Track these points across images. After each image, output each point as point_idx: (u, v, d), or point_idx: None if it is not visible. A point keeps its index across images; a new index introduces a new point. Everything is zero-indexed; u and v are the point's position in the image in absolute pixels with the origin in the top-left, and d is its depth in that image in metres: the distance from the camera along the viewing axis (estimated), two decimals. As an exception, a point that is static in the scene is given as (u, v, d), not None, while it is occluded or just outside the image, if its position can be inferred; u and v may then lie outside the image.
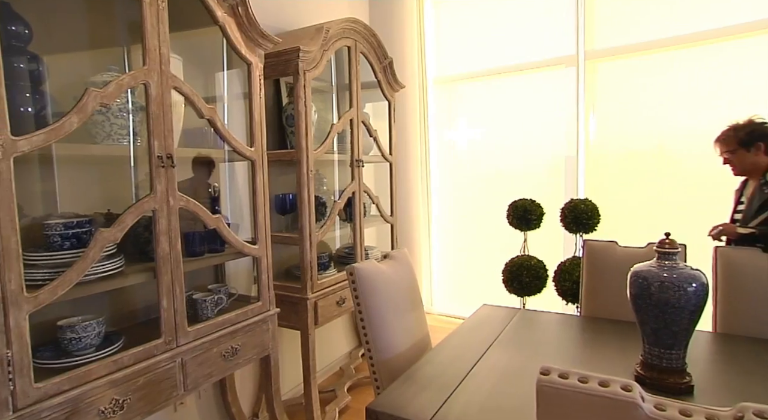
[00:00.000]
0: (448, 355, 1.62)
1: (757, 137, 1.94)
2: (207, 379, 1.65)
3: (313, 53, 2.08)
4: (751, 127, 1.97)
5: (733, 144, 1.99)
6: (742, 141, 1.97)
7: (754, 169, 1.99)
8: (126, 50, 1.70)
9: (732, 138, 2.00)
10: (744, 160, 1.99)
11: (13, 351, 1.12)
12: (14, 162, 1.12)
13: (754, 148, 1.96)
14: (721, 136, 2.06)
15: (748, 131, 1.96)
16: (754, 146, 1.95)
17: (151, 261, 1.54)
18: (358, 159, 2.45)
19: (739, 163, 2.01)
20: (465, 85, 3.61)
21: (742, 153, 1.98)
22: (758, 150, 1.95)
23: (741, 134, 1.97)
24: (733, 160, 2.02)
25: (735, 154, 2.00)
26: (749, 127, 1.97)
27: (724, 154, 2.05)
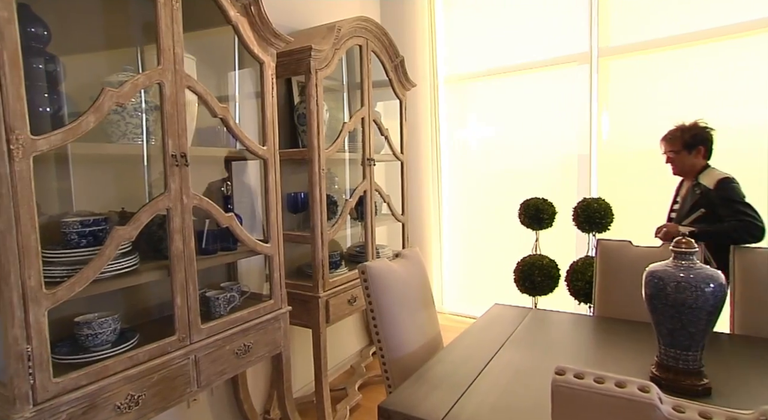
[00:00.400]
0: (460, 354, 1.62)
1: (700, 141, 2.06)
2: (220, 376, 1.66)
3: (324, 52, 2.08)
4: (696, 130, 2.07)
5: (678, 145, 2.09)
6: (686, 143, 2.07)
7: (691, 171, 2.10)
8: (139, 50, 1.72)
9: (678, 139, 2.09)
10: (684, 162, 2.09)
11: (33, 346, 1.14)
12: (33, 161, 1.14)
13: (695, 151, 2.06)
14: (667, 136, 2.15)
15: (692, 134, 2.06)
16: (696, 149, 2.06)
17: (165, 259, 1.55)
18: (370, 158, 2.45)
19: (680, 163, 2.11)
20: (476, 83, 3.59)
21: (684, 154, 2.08)
22: (698, 153, 2.06)
23: (686, 136, 2.07)
24: (675, 160, 2.12)
25: (678, 154, 2.10)
26: (694, 131, 2.07)
27: (668, 152, 2.14)
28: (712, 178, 2.01)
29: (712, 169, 2.07)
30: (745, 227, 1.86)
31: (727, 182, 1.97)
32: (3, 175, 1.08)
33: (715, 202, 1.96)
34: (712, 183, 1.99)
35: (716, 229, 1.92)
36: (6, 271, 1.10)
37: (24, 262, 1.12)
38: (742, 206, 1.91)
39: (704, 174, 2.05)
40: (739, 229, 1.87)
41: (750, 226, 1.86)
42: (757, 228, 1.86)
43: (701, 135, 2.05)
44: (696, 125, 2.08)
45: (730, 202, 1.92)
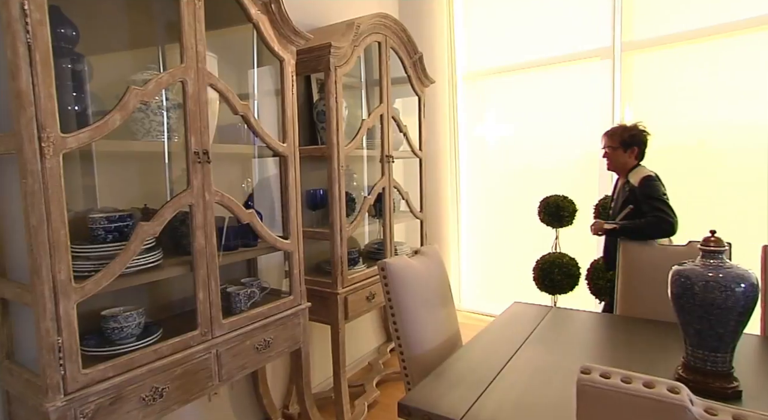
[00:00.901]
0: (480, 352, 1.61)
1: (636, 142, 2.17)
2: (241, 371, 1.69)
3: (344, 49, 2.09)
4: (635, 131, 2.19)
5: (616, 142, 2.19)
6: (624, 141, 2.18)
7: (623, 169, 2.22)
8: (161, 49, 1.74)
9: (617, 136, 2.19)
10: (618, 159, 2.20)
11: (63, 338, 1.17)
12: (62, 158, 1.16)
13: (629, 151, 2.18)
14: (609, 131, 2.25)
15: (631, 134, 2.18)
16: (630, 149, 2.18)
17: (187, 254, 1.58)
18: (388, 155, 2.45)
19: (615, 160, 2.21)
20: (495, 79, 3.55)
21: (619, 152, 2.19)
22: (632, 153, 2.18)
23: (625, 135, 2.18)
24: (611, 156, 2.22)
25: (615, 151, 2.20)
26: (633, 131, 2.19)
27: (606, 148, 2.23)
28: (638, 175, 2.14)
29: (641, 167, 2.19)
30: (657, 223, 2.00)
31: (650, 180, 2.10)
32: (35, 172, 1.11)
33: (639, 199, 2.09)
34: (637, 180, 2.12)
35: (633, 225, 2.05)
36: (38, 265, 1.13)
37: (54, 256, 1.15)
38: (659, 203, 2.04)
39: (633, 172, 2.18)
40: (652, 224, 2.01)
41: (661, 222, 1.99)
42: (667, 223, 1.99)
43: (638, 136, 2.18)
44: (636, 126, 2.20)
45: (649, 198, 2.05)
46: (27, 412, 1.29)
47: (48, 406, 1.15)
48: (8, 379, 1.33)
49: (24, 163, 1.11)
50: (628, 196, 2.15)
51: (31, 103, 1.09)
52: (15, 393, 1.32)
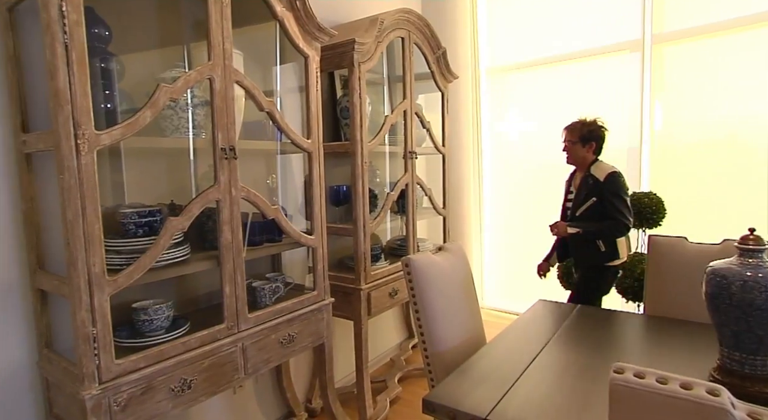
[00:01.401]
0: (505, 349, 1.59)
1: (594, 137, 2.23)
2: (266, 365, 1.71)
3: (368, 45, 2.08)
4: (594, 127, 2.24)
5: (576, 136, 2.24)
6: (583, 136, 2.23)
7: (582, 163, 2.27)
8: (187, 48, 1.76)
9: (578, 131, 2.24)
10: (577, 153, 2.25)
11: (98, 329, 1.21)
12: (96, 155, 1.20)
13: (588, 146, 2.24)
14: (570, 126, 2.29)
15: (590, 129, 2.23)
16: (589, 144, 2.23)
17: (213, 249, 1.61)
18: (412, 151, 2.44)
19: (574, 153, 2.27)
20: (519, 74, 3.50)
21: (578, 146, 2.24)
22: (590, 148, 2.24)
23: (584, 130, 2.23)
24: (570, 150, 2.27)
25: (574, 145, 2.25)
26: (592, 127, 2.24)
27: (567, 141, 2.28)
28: (603, 170, 2.19)
29: (602, 162, 2.25)
30: (615, 226, 2.13)
31: (615, 176, 2.17)
32: (71, 168, 1.14)
33: (603, 194, 2.16)
34: (603, 175, 2.18)
35: (596, 229, 2.17)
36: (74, 258, 1.17)
37: (89, 249, 1.19)
38: (620, 203, 2.14)
39: (595, 166, 2.24)
40: (611, 227, 2.14)
41: (618, 225, 2.13)
42: (623, 226, 2.13)
43: (596, 132, 2.23)
44: (594, 122, 2.25)
45: (613, 195, 2.14)
46: (65, 399, 1.33)
47: (84, 394, 1.19)
48: (47, 367, 1.38)
49: (61, 160, 1.14)
50: (591, 188, 2.20)
51: (67, 101, 1.13)
52: (54, 380, 1.37)
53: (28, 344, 1.43)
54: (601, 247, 2.21)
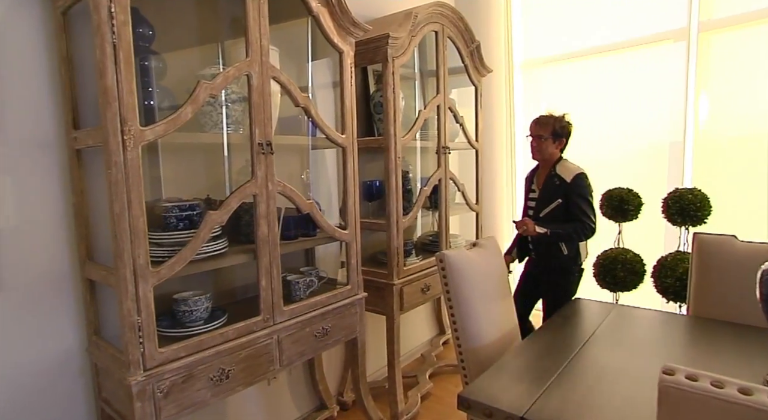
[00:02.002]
0: (541, 347, 1.56)
1: (565, 134, 2.16)
2: (300, 357, 1.74)
3: (401, 40, 2.07)
4: (564, 123, 2.15)
5: (548, 131, 2.13)
6: (555, 132, 2.13)
7: (549, 159, 2.18)
8: (223, 45, 1.79)
9: (550, 125, 2.14)
10: (546, 149, 2.15)
11: (142, 318, 1.26)
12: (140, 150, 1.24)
13: (558, 142, 2.15)
14: (542, 119, 2.17)
15: (562, 125, 2.14)
16: (559, 140, 2.15)
17: (250, 243, 1.64)
18: (445, 146, 2.42)
19: (544, 149, 2.15)
20: (554, 67, 3.41)
21: (549, 142, 2.14)
22: (559, 145, 2.16)
23: (557, 125, 2.13)
24: (540, 145, 2.16)
25: (545, 141, 2.14)
26: (563, 123, 2.15)
27: (536, 136, 2.16)
28: (570, 170, 2.11)
29: (566, 160, 2.18)
30: (582, 229, 2.07)
31: (583, 178, 2.10)
32: (118, 163, 1.19)
33: (569, 195, 2.08)
34: (570, 176, 2.09)
35: (563, 232, 2.08)
36: (121, 250, 1.21)
37: (134, 242, 1.23)
38: (587, 205, 2.09)
39: (561, 165, 2.15)
40: (578, 231, 2.07)
41: (585, 228, 2.07)
42: (590, 230, 2.09)
43: (567, 129, 2.15)
44: (564, 118, 2.16)
45: (580, 197, 2.08)
46: (112, 384, 1.39)
47: (131, 380, 1.24)
48: (96, 353, 1.45)
49: (109, 155, 1.19)
50: (557, 189, 2.12)
51: (115, 98, 1.17)
52: (102, 366, 1.43)
53: (78, 331, 1.50)
54: (564, 249, 2.14)
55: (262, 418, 2.11)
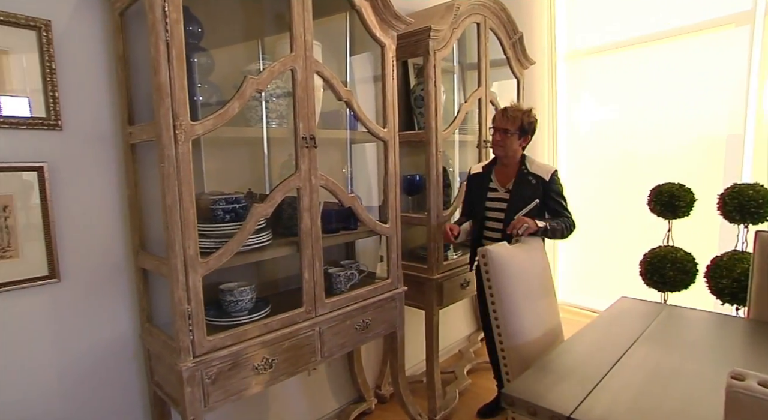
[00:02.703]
0: (586, 347, 1.52)
1: (532, 131, 1.99)
2: (341, 349, 1.76)
3: (443, 32, 2.05)
4: (532, 119, 1.98)
5: (515, 126, 1.94)
6: (523, 127, 1.95)
7: (513, 157, 2.00)
8: (265, 41, 1.81)
9: (518, 119, 1.94)
10: (511, 145, 1.96)
11: (192, 307, 1.30)
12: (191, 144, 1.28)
13: (524, 139, 1.98)
14: (510, 112, 1.97)
15: (530, 121, 1.96)
16: (525, 137, 1.98)
17: (292, 235, 1.67)
18: (486, 140, 2.38)
19: (508, 145, 1.96)
20: (599, 58, 3.28)
21: (515, 138, 1.95)
22: (524, 142, 1.99)
23: (526, 120, 1.95)
24: (505, 140, 1.95)
25: (511, 136, 1.94)
26: (531, 119, 1.97)
27: (501, 130, 1.95)
28: (544, 169, 1.98)
29: (533, 158, 2.04)
30: (570, 225, 1.95)
31: (558, 175, 1.99)
32: (170, 157, 1.23)
33: (548, 194, 1.95)
34: (547, 174, 1.96)
35: (559, 226, 1.91)
36: (172, 241, 1.26)
37: (185, 233, 1.28)
38: (565, 202, 1.98)
39: (531, 163, 2.00)
40: (568, 226, 1.94)
41: (572, 225, 1.95)
42: (574, 226, 1.96)
43: (533, 125, 1.99)
44: (531, 113, 1.99)
45: (559, 195, 1.97)
46: (164, 368, 1.45)
47: (181, 365, 1.29)
48: (149, 339, 1.51)
49: (162, 149, 1.23)
50: (534, 189, 1.95)
51: (168, 94, 1.21)
52: (154, 351, 1.50)
53: (132, 318, 1.57)
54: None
55: (302, 408, 2.15)
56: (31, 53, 1.30)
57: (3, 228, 1.27)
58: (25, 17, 1.28)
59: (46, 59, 1.31)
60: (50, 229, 1.36)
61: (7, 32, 1.25)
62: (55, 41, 1.33)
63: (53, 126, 1.35)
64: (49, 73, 1.32)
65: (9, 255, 1.29)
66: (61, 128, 1.37)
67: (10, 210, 1.28)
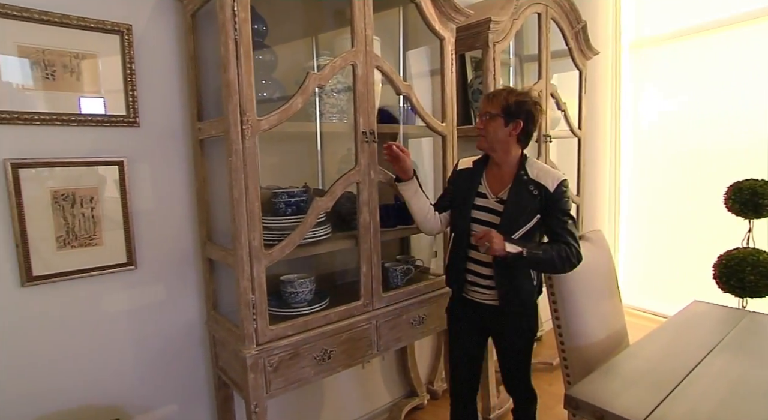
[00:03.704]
0: (657, 351, 1.44)
1: (524, 115, 1.45)
2: (396, 343, 1.76)
3: (503, 23, 1.99)
4: (525, 98, 1.46)
5: (497, 107, 1.46)
6: (508, 109, 1.45)
7: (503, 152, 1.49)
8: (323, 37, 1.83)
9: (500, 100, 1.46)
10: (497, 133, 1.47)
11: (256, 296, 1.35)
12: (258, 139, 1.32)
13: (513, 124, 1.46)
14: (491, 93, 1.52)
15: (519, 101, 1.45)
16: (514, 122, 1.45)
17: (351, 229, 1.69)
18: (546, 134, 2.30)
19: (492, 134, 1.48)
20: (669, 46, 3.08)
21: (499, 123, 1.46)
22: (515, 129, 1.46)
23: (511, 100, 1.45)
24: (488, 127, 1.48)
25: (493, 120, 1.47)
26: (523, 97, 1.46)
27: (482, 114, 1.50)
28: (550, 175, 1.47)
29: (536, 160, 1.54)
30: (568, 258, 1.42)
31: (567, 187, 1.47)
32: (238, 151, 1.28)
33: (551, 210, 1.45)
34: (553, 183, 1.45)
35: (547, 255, 1.41)
36: (239, 232, 1.31)
37: (250, 225, 1.32)
38: (573, 225, 1.47)
39: (533, 166, 1.50)
40: (566, 256, 1.42)
41: (573, 255, 1.43)
42: (578, 257, 1.44)
43: (527, 106, 1.45)
44: (528, 93, 1.49)
45: (566, 215, 1.46)
46: (228, 355, 1.52)
47: (245, 353, 1.34)
48: (214, 326, 1.58)
49: (230, 144, 1.28)
50: (536, 201, 1.45)
51: (236, 91, 1.25)
52: (219, 338, 1.57)
53: (198, 305, 1.65)
54: (533, 277, 1.51)
55: (355, 400, 2.18)
56: (114, 56, 1.39)
57: (89, 218, 1.38)
58: (111, 23, 1.37)
59: (127, 61, 1.40)
60: (128, 220, 1.45)
61: (97, 38, 1.35)
62: (135, 44, 1.42)
63: (132, 123, 1.44)
64: (129, 74, 1.41)
65: (95, 242, 1.39)
66: (139, 125, 1.46)
67: (95, 201, 1.38)
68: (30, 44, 1.25)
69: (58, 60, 1.30)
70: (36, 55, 1.26)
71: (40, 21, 1.26)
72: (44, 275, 1.31)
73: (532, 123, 1.48)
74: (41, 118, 1.28)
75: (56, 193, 1.32)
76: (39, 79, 1.28)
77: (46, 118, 1.29)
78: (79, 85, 1.34)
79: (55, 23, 1.28)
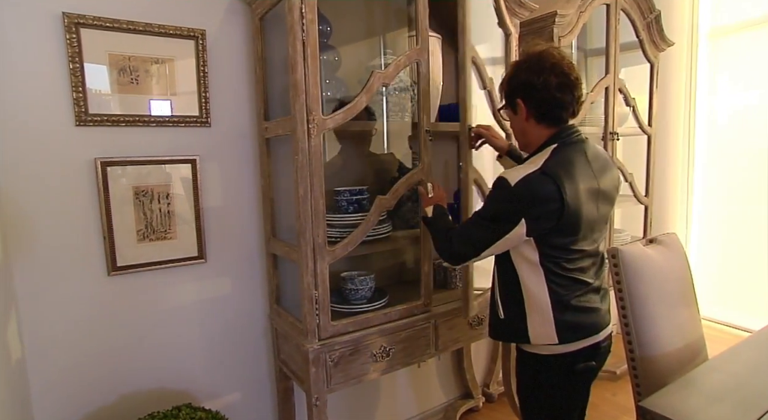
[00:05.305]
0: (744, 367, 1.32)
1: (519, 87, 1.16)
2: (454, 344, 1.74)
3: (569, 17, 1.91)
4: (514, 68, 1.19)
5: (502, 97, 1.25)
6: (507, 94, 1.22)
7: (532, 145, 1.20)
8: (385, 36, 1.83)
9: (503, 85, 1.23)
10: (514, 128, 1.25)
11: (319, 292, 1.38)
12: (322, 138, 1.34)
13: (517, 108, 1.18)
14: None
15: (509, 77, 1.19)
16: (516, 107, 1.18)
17: (409, 228, 1.68)
18: (613, 131, 2.19)
19: (514, 128, 1.25)
20: (754, 33, 2.82)
21: (510, 115, 1.24)
22: (521, 112, 1.17)
23: (504, 82, 1.22)
24: (512, 123, 1.26)
25: (507, 115, 1.26)
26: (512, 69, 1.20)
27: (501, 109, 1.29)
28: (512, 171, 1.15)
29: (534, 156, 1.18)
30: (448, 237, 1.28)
31: (504, 182, 1.12)
32: (304, 150, 1.31)
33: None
34: (498, 177, 1.17)
35: (442, 225, 1.35)
36: (303, 229, 1.34)
37: (315, 222, 1.35)
38: (473, 220, 1.23)
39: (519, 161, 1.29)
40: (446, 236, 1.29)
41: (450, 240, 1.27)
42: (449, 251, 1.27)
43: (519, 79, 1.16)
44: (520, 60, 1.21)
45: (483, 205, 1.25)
46: (290, 348, 1.56)
47: (308, 346, 1.37)
48: (276, 319, 1.63)
49: (296, 142, 1.31)
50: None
51: (303, 91, 1.28)
52: (281, 331, 1.61)
53: (262, 299, 1.71)
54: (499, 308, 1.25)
55: (411, 398, 2.17)
56: (189, 59, 1.46)
57: (165, 213, 1.46)
58: (188, 29, 1.44)
59: (200, 64, 1.47)
60: (199, 215, 1.53)
61: (174, 43, 1.43)
62: (208, 47, 1.49)
63: (204, 123, 1.51)
64: (202, 76, 1.48)
65: (170, 236, 1.47)
66: (210, 125, 1.53)
67: (170, 197, 1.46)
68: (118, 52, 1.35)
69: (141, 65, 1.39)
70: (123, 62, 1.36)
71: (127, 30, 1.35)
72: (127, 265, 1.41)
73: (535, 90, 1.13)
74: (126, 120, 1.37)
75: (137, 190, 1.41)
76: (125, 83, 1.37)
77: (130, 119, 1.38)
78: (158, 88, 1.43)
79: (139, 31, 1.37)
